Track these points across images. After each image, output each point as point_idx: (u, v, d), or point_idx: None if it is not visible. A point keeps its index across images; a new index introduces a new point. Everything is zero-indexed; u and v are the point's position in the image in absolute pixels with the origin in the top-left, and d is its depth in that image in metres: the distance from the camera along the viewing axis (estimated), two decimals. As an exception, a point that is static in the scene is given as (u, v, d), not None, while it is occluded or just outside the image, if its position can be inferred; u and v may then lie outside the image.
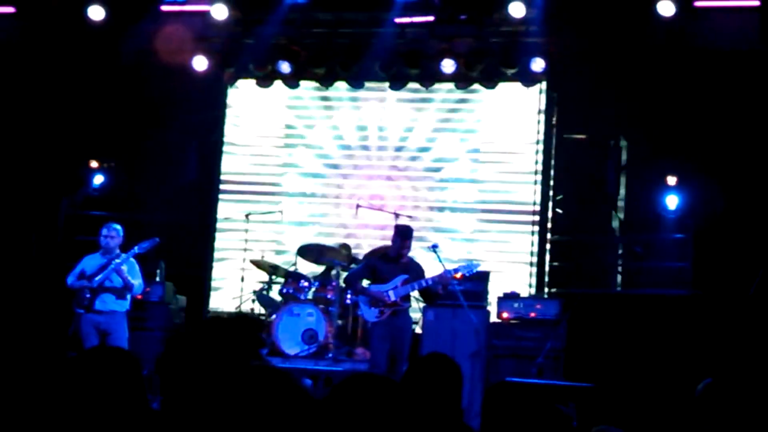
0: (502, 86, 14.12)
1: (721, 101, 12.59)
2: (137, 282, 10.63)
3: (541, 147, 14.01)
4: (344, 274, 11.90)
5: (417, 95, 14.50)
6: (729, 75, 12.53)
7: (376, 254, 11.74)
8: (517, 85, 14.05)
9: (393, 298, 10.28)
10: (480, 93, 14.25)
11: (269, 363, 10.06)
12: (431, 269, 10.89)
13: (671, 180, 13.24)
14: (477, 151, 14.30)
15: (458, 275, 10.73)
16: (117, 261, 10.44)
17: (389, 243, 10.96)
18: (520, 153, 14.12)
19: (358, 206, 13.53)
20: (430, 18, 13.62)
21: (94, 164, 14.67)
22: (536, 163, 14.02)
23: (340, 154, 14.73)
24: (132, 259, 10.61)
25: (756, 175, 12.41)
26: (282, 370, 2.25)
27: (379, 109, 14.62)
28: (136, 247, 10.57)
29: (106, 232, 10.67)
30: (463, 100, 14.37)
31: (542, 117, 14.06)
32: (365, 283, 10.81)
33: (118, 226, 10.77)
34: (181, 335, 2.94)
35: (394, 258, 10.50)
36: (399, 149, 14.53)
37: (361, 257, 12.99)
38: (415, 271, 10.50)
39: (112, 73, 14.01)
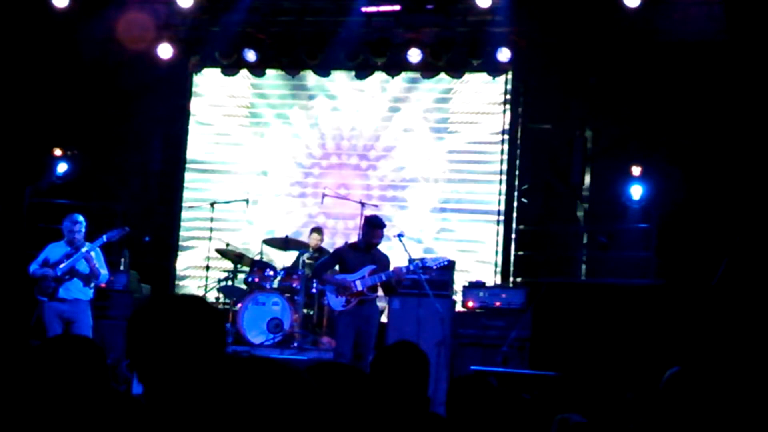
0: (468, 76, 14.16)
1: (686, 92, 12.67)
2: (104, 271, 10.52)
3: (506, 137, 14.07)
4: (310, 263, 11.84)
5: (378, 81, 14.52)
6: (694, 66, 12.60)
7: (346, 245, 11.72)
8: (483, 75, 14.10)
9: (359, 288, 10.23)
10: (446, 83, 14.28)
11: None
12: (397, 257, 10.87)
13: (636, 170, 13.32)
14: (443, 140, 14.33)
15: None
16: (84, 249, 10.30)
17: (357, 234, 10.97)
18: (486, 143, 14.16)
19: (323, 195, 13.51)
20: (397, 7, 13.62)
21: (58, 152, 14.56)
22: (502, 153, 14.06)
23: (308, 144, 14.72)
24: (98, 249, 10.48)
25: (719, 166, 12.50)
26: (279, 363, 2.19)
27: (343, 97, 14.63)
28: (104, 236, 10.38)
29: (69, 225, 10.45)
30: (429, 89, 14.37)
31: (508, 107, 14.11)
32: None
33: (81, 217, 10.59)
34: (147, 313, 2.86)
35: (363, 248, 10.44)
36: (365, 137, 14.54)
37: (330, 250, 12.96)
38: (381, 262, 10.45)
39: (76, 60, 13.90)
